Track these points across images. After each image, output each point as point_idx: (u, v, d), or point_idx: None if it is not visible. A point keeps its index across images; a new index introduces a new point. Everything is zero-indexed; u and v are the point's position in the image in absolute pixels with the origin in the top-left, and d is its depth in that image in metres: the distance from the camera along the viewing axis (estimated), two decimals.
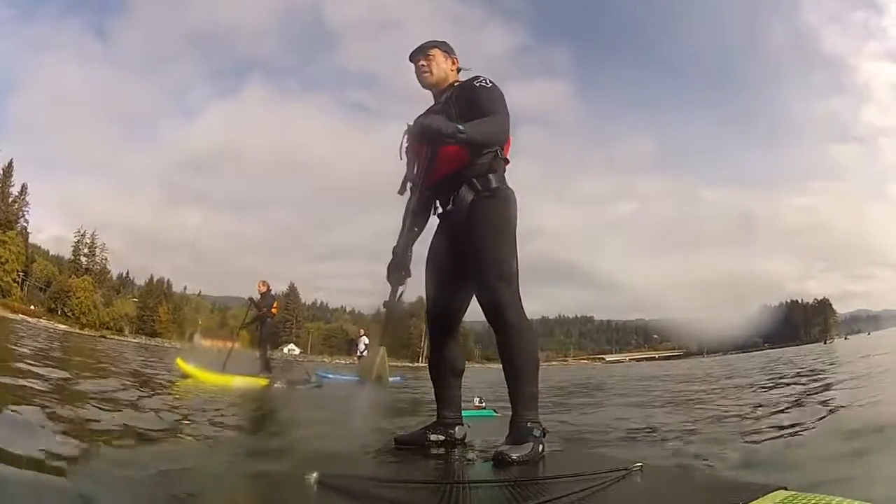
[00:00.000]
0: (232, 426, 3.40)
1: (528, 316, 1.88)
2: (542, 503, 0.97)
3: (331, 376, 12.32)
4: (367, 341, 14.20)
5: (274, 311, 8.94)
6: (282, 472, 1.64)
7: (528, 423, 1.62)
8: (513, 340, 1.71)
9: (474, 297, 1.91)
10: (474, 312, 1.83)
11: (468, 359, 2.18)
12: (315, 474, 1.09)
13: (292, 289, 58.81)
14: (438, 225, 1.98)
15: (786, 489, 0.91)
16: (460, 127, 1.72)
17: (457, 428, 1.95)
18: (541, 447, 1.56)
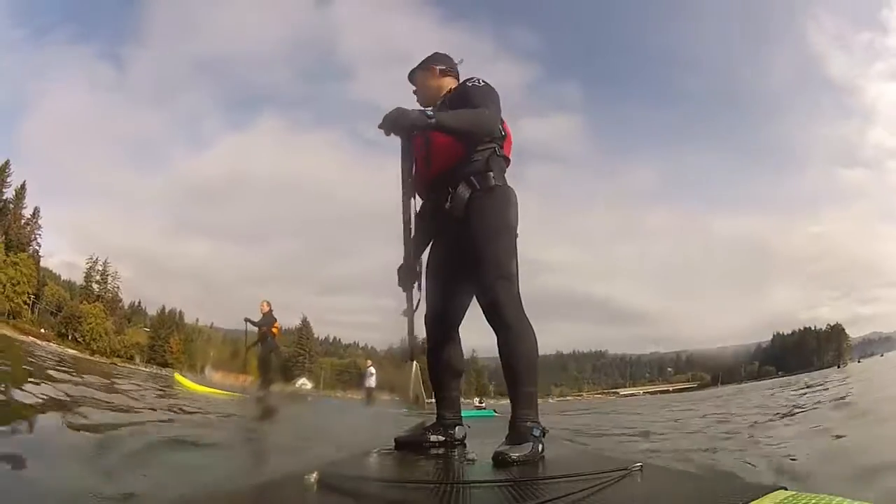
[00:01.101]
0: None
1: (543, 351, 1.89)
2: (542, 503, 0.97)
3: (333, 402, 13.11)
4: (373, 371, 14.31)
5: (275, 330, 8.95)
6: (282, 472, 1.64)
7: (528, 423, 1.62)
8: (512, 341, 1.70)
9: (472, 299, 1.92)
10: (490, 349, 1.82)
11: (483, 394, 2.20)
12: (315, 474, 1.09)
13: (305, 323, 57.67)
14: (438, 227, 1.97)
15: (786, 489, 0.91)
16: (429, 112, 1.73)
17: (457, 428, 1.95)
18: (540, 447, 1.56)
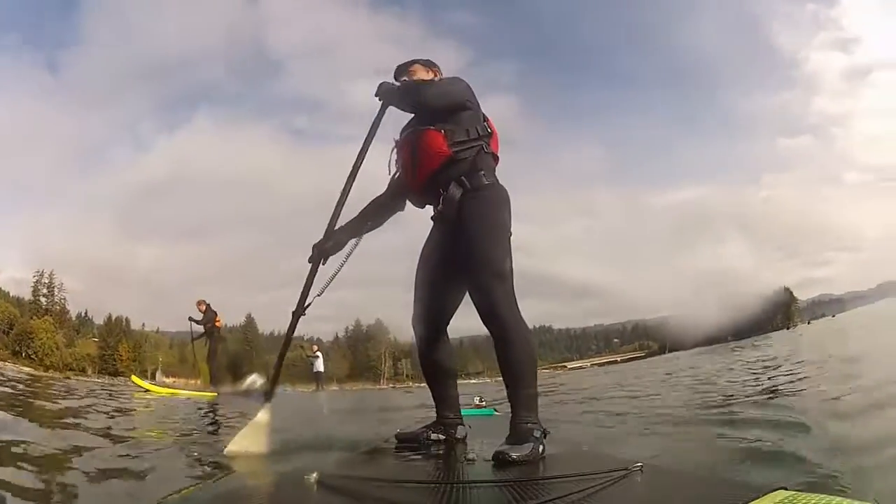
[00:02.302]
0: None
1: (477, 332, 1.94)
2: (542, 503, 0.97)
3: (288, 391, 13.53)
4: (319, 355, 14.68)
5: (217, 323, 9.46)
6: (282, 472, 1.64)
7: (528, 424, 1.62)
8: (510, 342, 1.69)
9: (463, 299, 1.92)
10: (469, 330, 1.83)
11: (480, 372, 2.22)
12: (315, 474, 1.09)
13: (250, 320, 56.92)
14: (432, 228, 1.97)
15: (786, 489, 0.91)
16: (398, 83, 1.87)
17: (457, 427, 1.95)
18: (541, 447, 1.55)
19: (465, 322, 1.94)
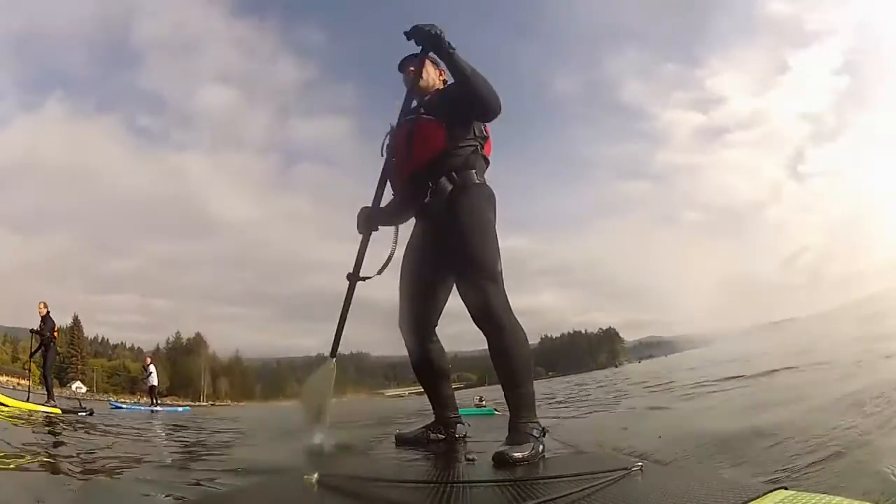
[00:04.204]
0: None
1: (305, 352, 1.93)
2: (542, 503, 0.97)
3: (123, 407, 13.40)
4: (153, 369, 14.47)
5: (55, 334, 8.67)
6: (282, 472, 1.64)
7: (528, 424, 1.62)
8: (506, 342, 1.68)
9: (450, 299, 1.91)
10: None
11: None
12: (315, 474, 1.09)
13: (76, 322, 54.55)
14: (416, 224, 1.94)
15: (786, 489, 0.91)
16: (452, 45, 1.72)
17: (457, 427, 1.95)
18: (541, 447, 1.56)
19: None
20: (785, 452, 1.68)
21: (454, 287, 1.81)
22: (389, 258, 1.94)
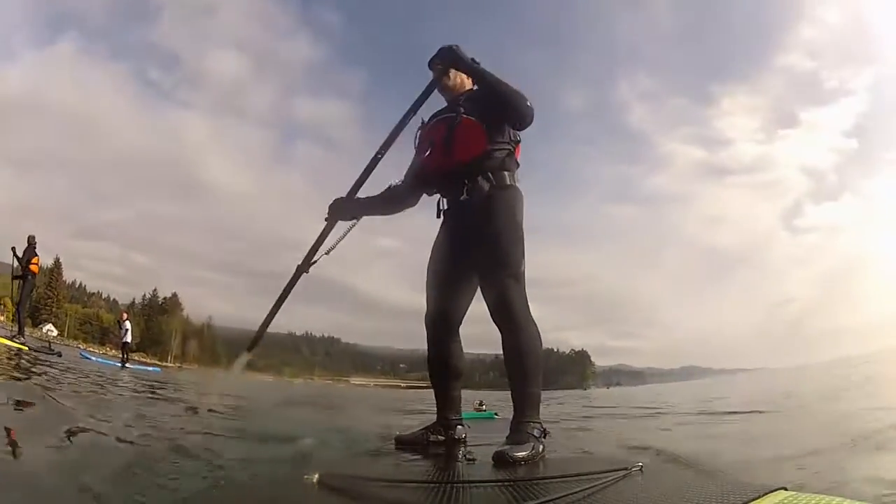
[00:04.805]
0: None
1: (274, 329, 1.97)
2: (542, 503, 0.97)
3: (93, 358, 13.46)
4: (129, 326, 14.02)
5: (34, 268, 8.50)
6: (282, 472, 1.63)
7: (530, 424, 1.62)
8: (521, 341, 1.70)
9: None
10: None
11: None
12: (315, 474, 1.09)
13: (57, 264, 54.55)
14: (444, 222, 1.96)
15: (786, 489, 0.91)
16: (476, 59, 1.82)
17: (457, 428, 1.95)
18: (541, 447, 1.56)
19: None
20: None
21: (479, 288, 1.83)
22: (339, 240, 1.95)
